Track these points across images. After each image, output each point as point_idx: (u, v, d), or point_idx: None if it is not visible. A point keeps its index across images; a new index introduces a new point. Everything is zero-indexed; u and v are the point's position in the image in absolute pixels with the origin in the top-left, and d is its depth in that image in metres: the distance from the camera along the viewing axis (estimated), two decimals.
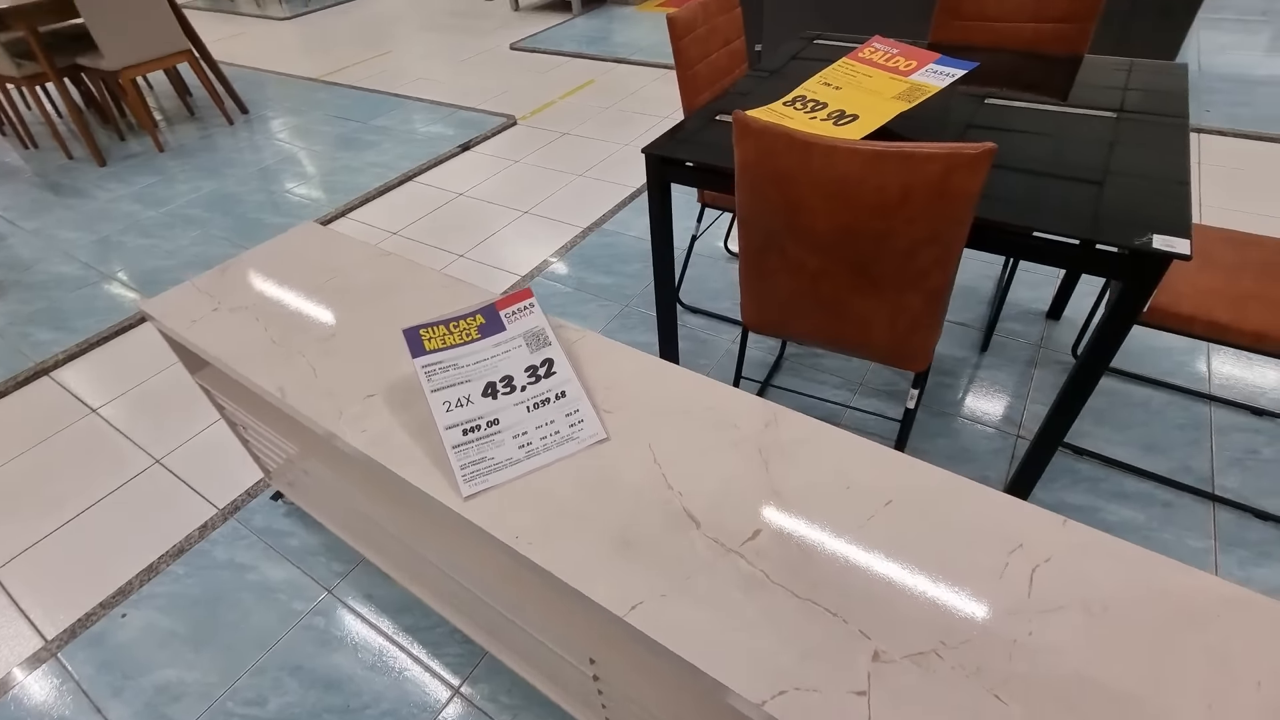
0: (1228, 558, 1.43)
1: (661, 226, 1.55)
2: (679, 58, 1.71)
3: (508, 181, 3.22)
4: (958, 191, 0.98)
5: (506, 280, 2.51)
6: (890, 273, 1.14)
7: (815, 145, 1.01)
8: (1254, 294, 1.33)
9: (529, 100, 4.13)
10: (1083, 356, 1.19)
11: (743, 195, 1.20)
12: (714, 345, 2.12)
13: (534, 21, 5.67)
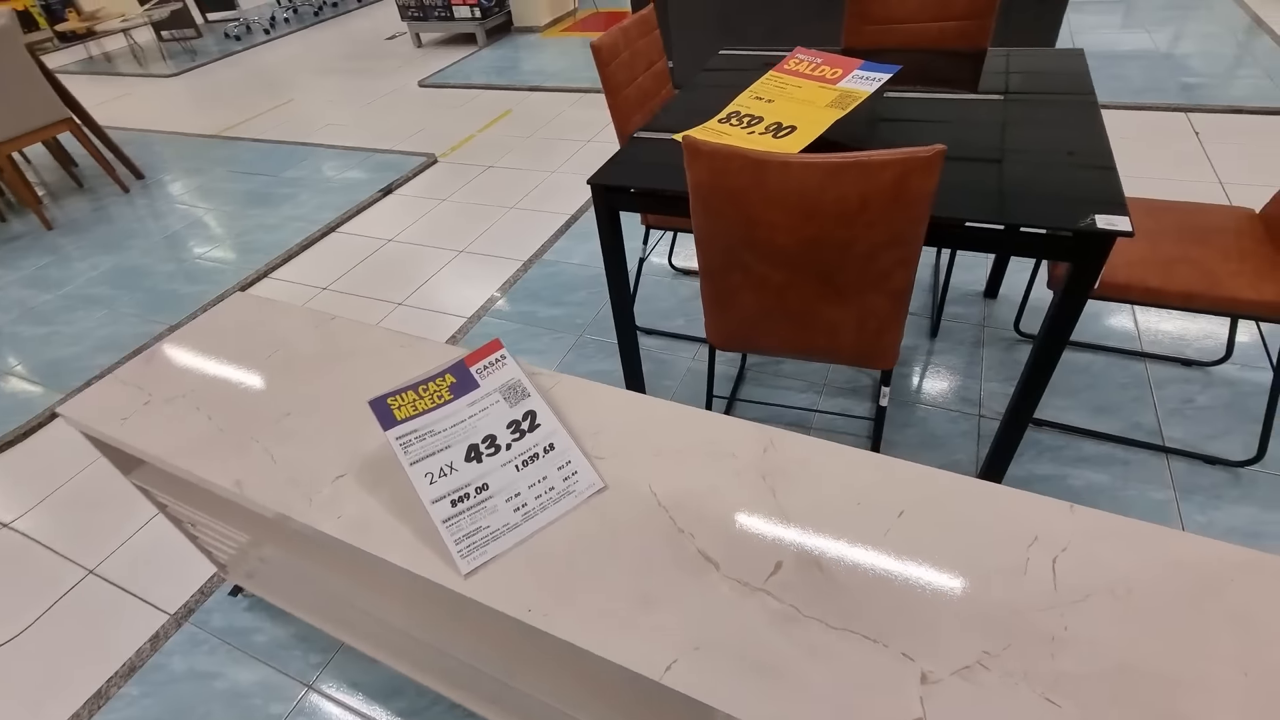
0: (1188, 505, 1.51)
1: (614, 255, 1.53)
2: (608, 84, 1.70)
3: (437, 222, 3.13)
4: (914, 194, 1.00)
5: (452, 324, 2.43)
6: (855, 279, 1.15)
7: (770, 162, 1.01)
8: (1178, 257, 1.42)
9: (447, 137, 4.05)
10: (1041, 337, 1.24)
11: (699, 217, 1.19)
12: (674, 365, 2.11)
13: (439, 57, 5.59)
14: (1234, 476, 1.56)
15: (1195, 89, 3.39)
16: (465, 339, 2.33)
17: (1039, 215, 1.11)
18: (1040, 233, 1.11)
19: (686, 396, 1.98)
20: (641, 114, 1.87)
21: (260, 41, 6.92)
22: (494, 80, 4.86)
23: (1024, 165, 1.26)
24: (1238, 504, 1.50)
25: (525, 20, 5.88)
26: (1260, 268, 1.36)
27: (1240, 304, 1.33)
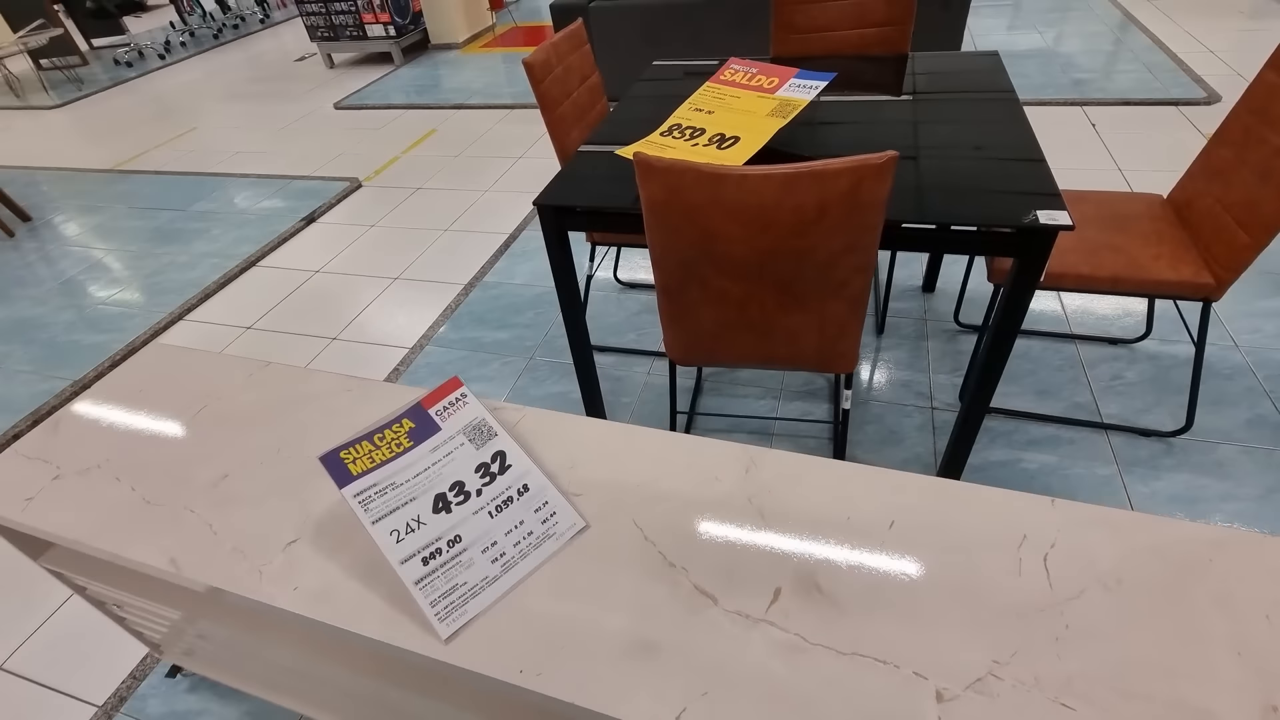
0: (1131, 477, 1.59)
1: (565, 276, 1.48)
2: (543, 101, 1.66)
3: (367, 249, 2.99)
4: (869, 200, 1.00)
5: (394, 356, 2.31)
6: (813, 286, 1.15)
7: (727, 176, 0.99)
8: (1103, 244, 1.50)
9: (369, 160, 3.89)
10: (991, 331, 1.27)
11: (654, 233, 1.16)
12: (630, 381, 2.07)
13: (354, 78, 5.40)
14: (1167, 446, 1.65)
15: (1086, 84, 3.64)
16: (409, 371, 2.23)
17: (980, 213, 1.14)
18: (982, 230, 1.14)
19: (646, 413, 1.95)
20: (579, 129, 1.84)
21: (155, 67, 6.51)
22: (415, 99, 4.72)
23: (958, 163, 1.30)
24: (1174, 472, 1.59)
25: (442, 37, 5.76)
26: (1176, 251, 1.45)
27: (1162, 285, 1.41)
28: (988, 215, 1.13)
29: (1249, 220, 1.33)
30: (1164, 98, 3.37)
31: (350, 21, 5.38)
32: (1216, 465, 1.59)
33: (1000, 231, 1.13)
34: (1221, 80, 3.48)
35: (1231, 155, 1.44)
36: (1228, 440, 1.64)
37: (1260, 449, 1.61)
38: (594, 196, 1.36)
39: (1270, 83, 1.39)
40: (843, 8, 1.89)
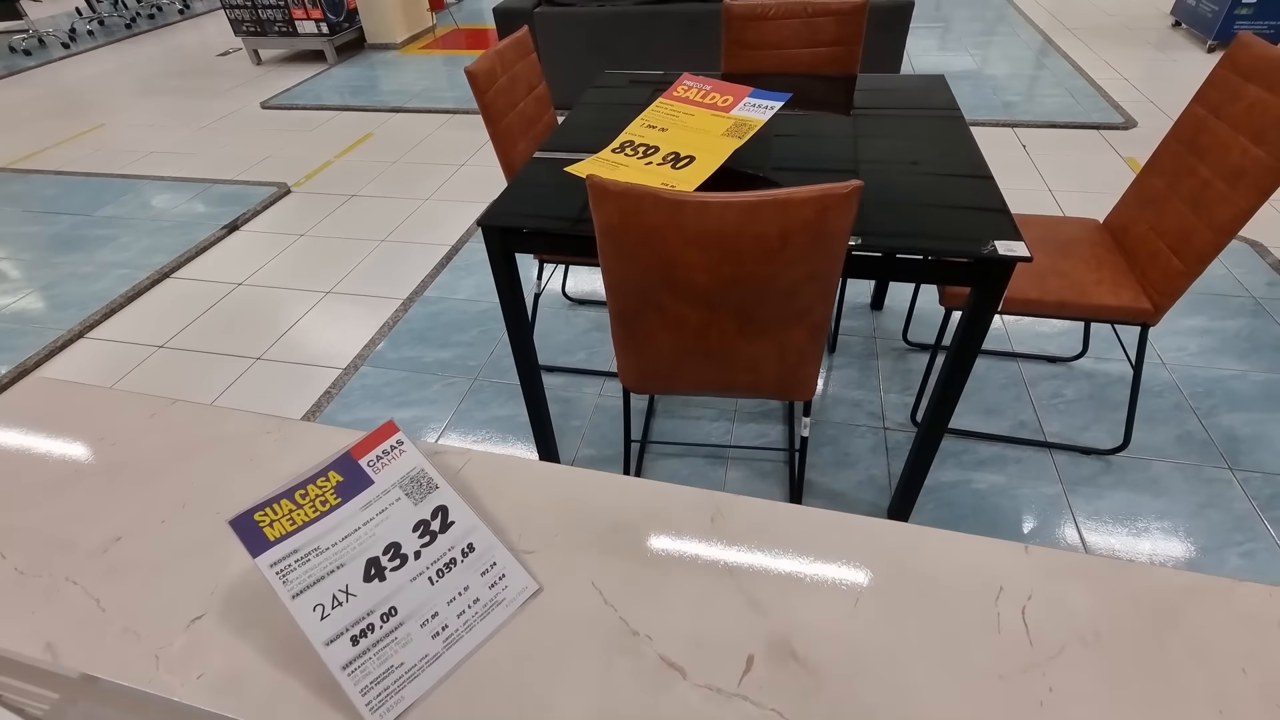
0: (1075, 496, 1.63)
1: (512, 298, 1.39)
2: (487, 113, 1.57)
3: (297, 260, 2.80)
4: (833, 229, 0.96)
5: (325, 377, 2.16)
6: (775, 314, 1.11)
7: (687, 202, 0.94)
8: (1048, 269, 1.53)
9: (300, 164, 3.68)
10: (948, 360, 1.26)
11: (609, 259, 1.10)
12: (580, 403, 2.00)
13: (283, 75, 5.12)
14: (1106, 464, 1.70)
15: (1015, 106, 3.80)
16: (341, 394, 2.08)
17: (937, 242, 1.13)
18: (938, 259, 1.12)
19: (598, 437, 1.88)
20: (526, 141, 1.75)
21: (58, 57, 6.00)
22: (350, 101, 4.51)
23: (911, 186, 1.29)
24: (1114, 490, 1.63)
25: (380, 37, 5.54)
26: (1116, 276, 1.49)
27: (1104, 310, 1.44)
28: (944, 245, 1.12)
29: (1182, 248, 1.37)
30: (1086, 121, 3.55)
31: (279, 17, 5.10)
32: (1152, 482, 1.64)
33: (959, 262, 1.11)
34: (1136, 106, 3.69)
35: (1163, 185, 1.50)
36: (1160, 457, 1.70)
37: (1190, 465, 1.68)
38: (543, 216, 1.28)
39: (1198, 116, 1.44)
40: (794, 26, 1.88)
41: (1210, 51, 4.39)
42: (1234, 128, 1.33)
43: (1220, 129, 1.36)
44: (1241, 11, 4.20)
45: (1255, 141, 1.26)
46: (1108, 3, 5.63)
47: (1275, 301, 2.17)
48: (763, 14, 1.88)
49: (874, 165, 1.38)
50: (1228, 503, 1.58)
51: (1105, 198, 2.84)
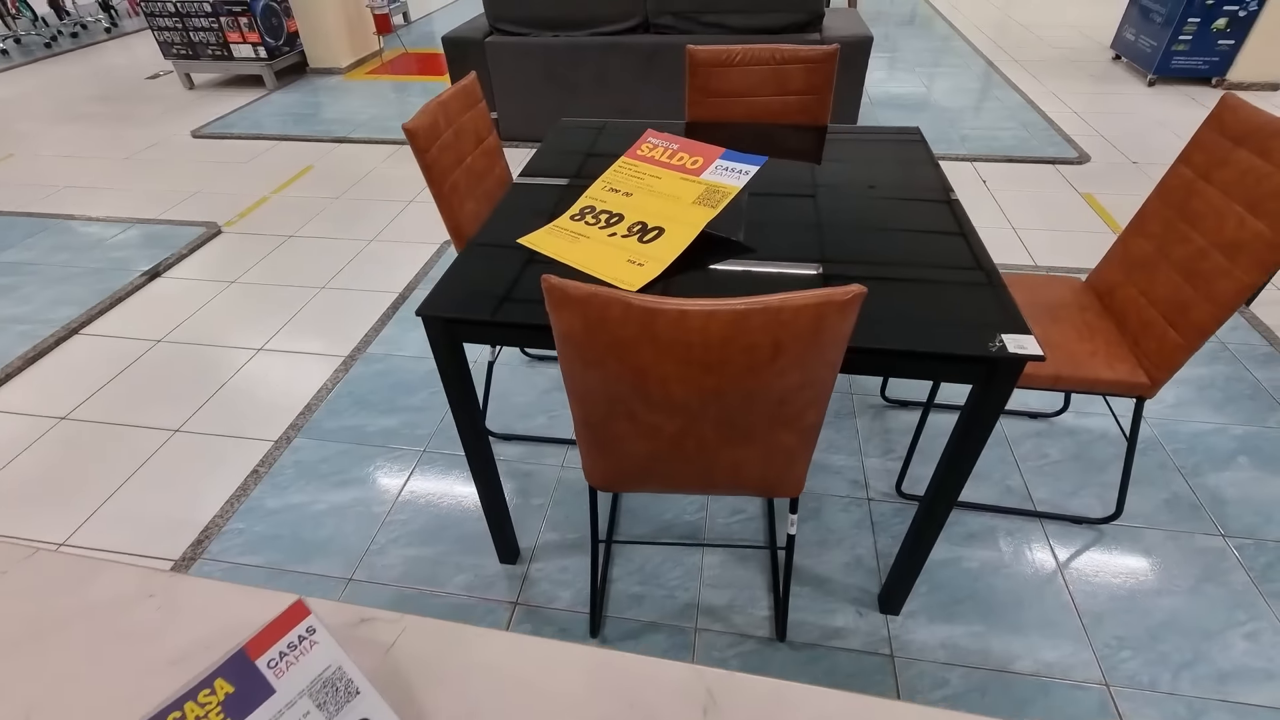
0: (1071, 574, 1.54)
1: (459, 388, 1.22)
2: (430, 173, 1.40)
3: (226, 311, 2.56)
4: (831, 336, 0.83)
5: (254, 451, 1.93)
6: (762, 421, 0.97)
7: (662, 311, 0.79)
8: (1040, 339, 1.44)
9: (233, 200, 3.42)
10: (944, 465, 1.15)
11: (570, 366, 0.94)
12: (541, 477, 1.82)
13: (217, 101, 4.82)
14: (1099, 534, 1.62)
15: (972, 139, 3.82)
16: (271, 474, 1.86)
17: (941, 339, 1.01)
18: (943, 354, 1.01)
19: (560, 518, 1.71)
20: (475, 199, 1.59)
21: None
22: (290, 130, 4.26)
23: (902, 267, 1.18)
24: (1111, 565, 1.55)
25: (323, 61, 5.29)
26: (1109, 347, 1.41)
27: (1099, 384, 1.36)
28: (947, 342, 1.00)
29: (1180, 321, 1.30)
30: (1042, 156, 3.58)
31: (213, 40, 4.82)
32: (1146, 553, 1.57)
33: (963, 358, 1.00)
34: (1087, 141, 3.75)
35: (1152, 249, 1.43)
36: (1151, 524, 1.63)
37: (1182, 533, 1.61)
38: (494, 301, 1.12)
39: (1185, 179, 1.38)
40: (762, 74, 1.78)
41: (1151, 85, 4.53)
42: (1226, 194, 1.26)
43: (1211, 194, 1.30)
44: (1178, 48, 4.34)
45: (1252, 211, 1.20)
46: (1050, 35, 5.81)
47: (1244, 347, 2.16)
48: (728, 60, 1.77)
49: (856, 237, 1.27)
50: (1224, 575, 1.52)
51: (1069, 236, 2.84)
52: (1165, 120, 3.99)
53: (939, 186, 1.45)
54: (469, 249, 1.26)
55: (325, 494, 1.79)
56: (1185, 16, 4.22)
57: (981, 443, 1.10)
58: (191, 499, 1.80)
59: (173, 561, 1.64)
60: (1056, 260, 2.67)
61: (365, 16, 5.50)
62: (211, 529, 1.71)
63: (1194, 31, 4.27)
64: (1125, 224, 1.45)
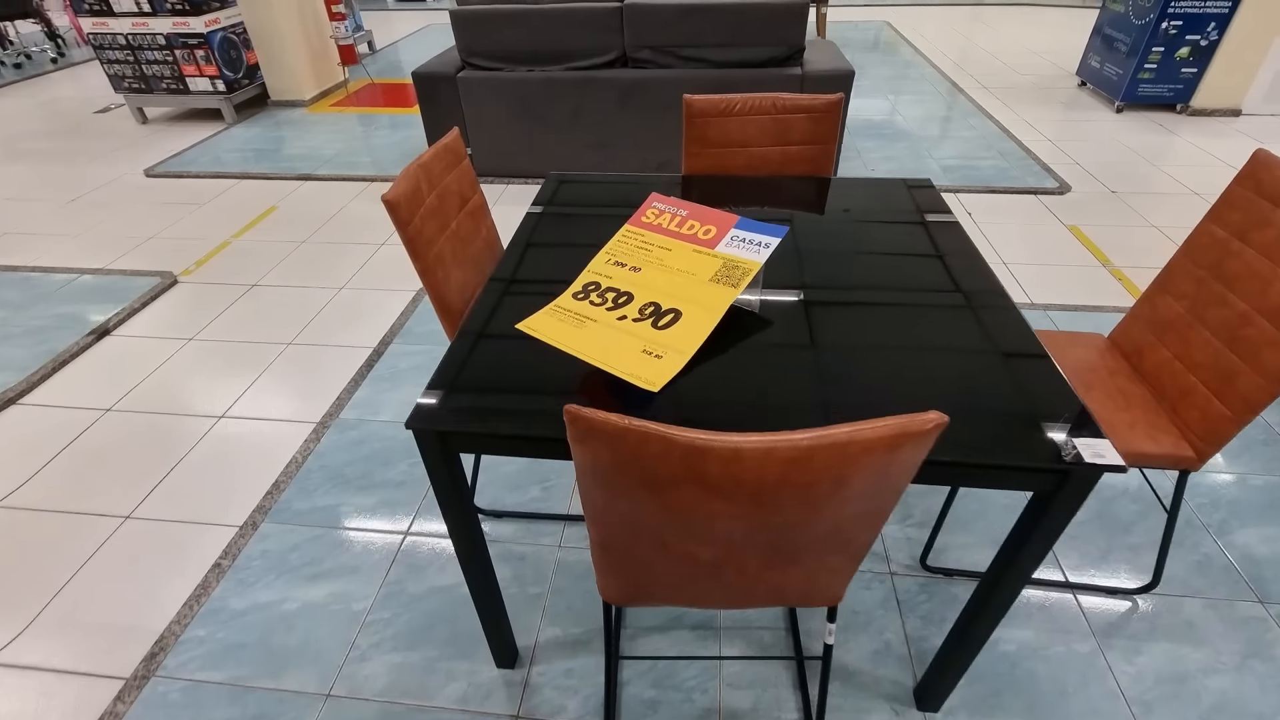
0: (1113, 653, 1.44)
1: (454, 504, 1.08)
2: (413, 247, 1.27)
3: (183, 373, 2.36)
4: (902, 466, 0.72)
5: (217, 539, 1.74)
6: (812, 547, 0.85)
7: (713, 449, 0.67)
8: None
9: (191, 246, 3.22)
10: (987, 582, 1.05)
11: (590, 493, 0.81)
12: (538, 560, 1.67)
13: (172, 137, 4.60)
14: (1135, 606, 1.53)
15: (954, 170, 3.82)
16: (235, 570, 1.67)
17: (1003, 442, 0.91)
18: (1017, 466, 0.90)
19: (562, 609, 1.56)
20: (463, 267, 1.45)
21: None
22: (251, 167, 4.07)
23: (947, 356, 1.08)
24: (1152, 642, 1.46)
25: (285, 94, 5.11)
26: (1148, 416, 1.33)
27: (1144, 458, 1.28)
28: (1012, 453, 0.90)
29: (1226, 391, 1.22)
30: (1023, 186, 3.58)
31: (167, 73, 4.60)
32: (1188, 627, 1.48)
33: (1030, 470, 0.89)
34: (1066, 169, 3.77)
35: (1183, 310, 1.36)
36: (1188, 591, 1.55)
37: (1220, 601, 1.53)
38: (496, 407, 0.99)
39: (1218, 238, 1.32)
40: (762, 123, 1.69)
41: (1119, 112, 4.61)
42: (1270, 258, 1.20)
43: (1250, 256, 1.24)
44: (1144, 75, 4.43)
45: None
46: (1016, 62, 5.92)
47: None
48: (727, 110, 1.68)
49: (883, 310, 1.17)
50: (1269, 648, 1.44)
51: (1062, 273, 2.81)
52: (1136, 148, 4.05)
53: (965, 250, 1.36)
54: (462, 338, 1.12)
55: (297, 589, 1.61)
56: (1150, 45, 4.31)
57: (1037, 561, 1.00)
58: (145, 600, 1.60)
59: (123, 680, 1.45)
60: (1051, 298, 2.63)
61: (329, 47, 5.34)
62: (168, 638, 1.52)
63: (1158, 60, 4.36)
64: (1113, 258, 1.38)
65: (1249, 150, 3.94)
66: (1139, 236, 3.07)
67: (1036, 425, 0.92)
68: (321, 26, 5.21)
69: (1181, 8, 4.16)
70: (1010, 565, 1.02)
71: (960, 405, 0.96)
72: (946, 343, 1.09)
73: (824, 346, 1.08)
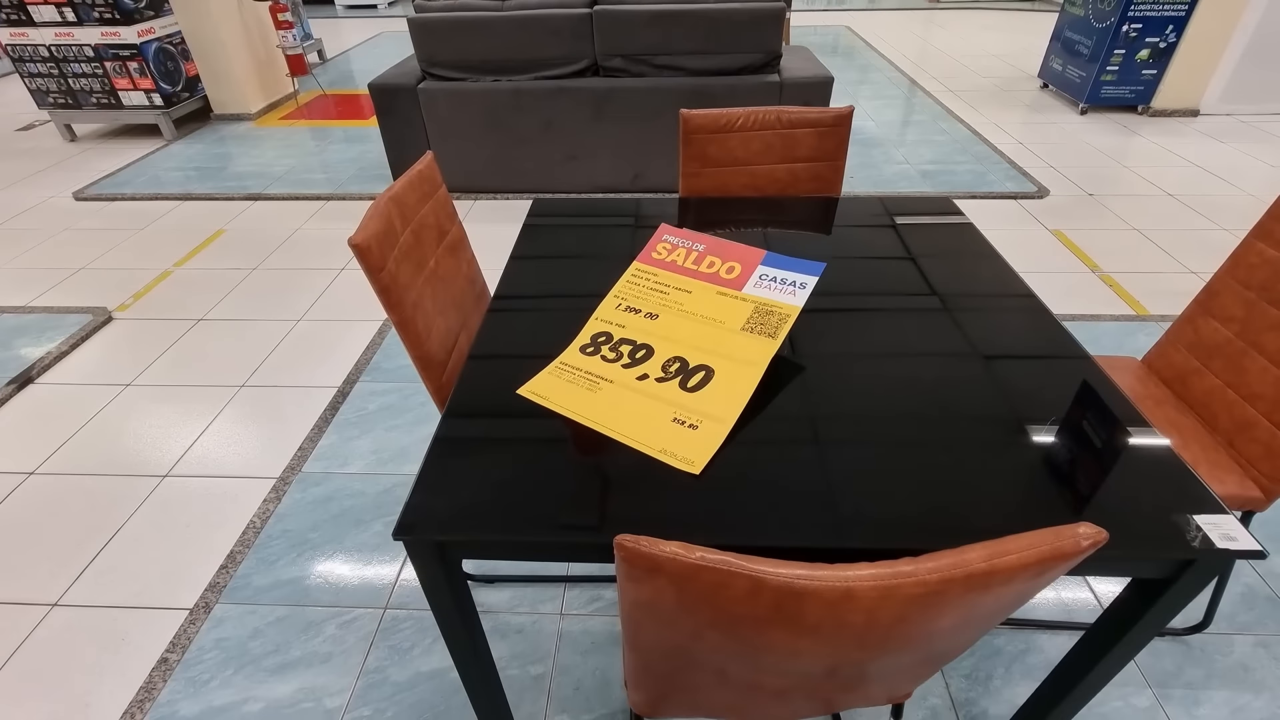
0: (1172, 705, 1.34)
1: (464, 639, 0.89)
2: (387, 297, 1.08)
3: (120, 425, 2.10)
4: (1043, 584, 0.57)
5: (164, 628, 1.51)
6: (901, 673, 0.70)
7: (816, 591, 0.51)
8: None
9: (126, 278, 2.92)
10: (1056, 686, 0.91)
11: (637, 626, 0.65)
12: (538, 633, 1.49)
13: (105, 155, 4.26)
14: (1187, 649, 1.43)
15: (933, 175, 3.76)
16: (185, 664, 1.44)
17: (1121, 528, 0.77)
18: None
19: (568, 692, 1.38)
20: (444, 314, 1.27)
21: None
22: (194, 187, 3.77)
23: (1031, 428, 0.95)
24: (1209, 689, 1.36)
25: (229, 106, 4.79)
26: (1207, 452, 1.23)
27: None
28: (1127, 534, 0.76)
29: None
30: (1003, 191, 3.54)
31: (97, 87, 4.25)
32: (1243, 670, 1.39)
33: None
34: (1041, 172, 3.75)
35: (1232, 334, 1.26)
36: (1236, 628, 1.46)
37: (1271, 637, 1.44)
38: (505, 504, 0.81)
39: (1268, 257, 1.22)
40: (766, 139, 1.55)
41: (1083, 114, 4.65)
42: None
43: None
44: (1106, 78, 4.48)
45: None
46: (977, 65, 5.96)
47: None
48: (728, 126, 1.53)
49: (938, 362, 1.04)
50: None
51: (1055, 279, 2.75)
52: (1105, 149, 4.06)
53: (1017, 290, 1.24)
54: (454, 412, 0.94)
55: (260, 686, 1.40)
56: (1111, 48, 4.35)
57: (1125, 661, 0.87)
58: (75, 712, 1.37)
59: None
60: (1051, 308, 2.55)
61: (275, 56, 5.04)
62: None
63: (1120, 62, 4.41)
64: (1101, 262, 1.28)
65: (1211, 150, 4.00)
66: (1123, 240, 3.04)
67: (1144, 499, 0.79)
68: (267, 35, 4.91)
69: (1141, 11, 4.21)
70: (1096, 664, 0.89)
71: (1059, 478, 0.82)
72: (1023, 407, 0.96)
73: (881, 418, 0.94)
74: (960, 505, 0.78)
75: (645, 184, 3.51)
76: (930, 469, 0.83)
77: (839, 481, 0.81)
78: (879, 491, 0.80)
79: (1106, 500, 0.79)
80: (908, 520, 0.76)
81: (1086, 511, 0.77)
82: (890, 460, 0.84)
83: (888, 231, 1.42)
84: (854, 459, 0.84)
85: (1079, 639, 0.96)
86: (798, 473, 0.82)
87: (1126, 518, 0.76)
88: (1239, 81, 4.42)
